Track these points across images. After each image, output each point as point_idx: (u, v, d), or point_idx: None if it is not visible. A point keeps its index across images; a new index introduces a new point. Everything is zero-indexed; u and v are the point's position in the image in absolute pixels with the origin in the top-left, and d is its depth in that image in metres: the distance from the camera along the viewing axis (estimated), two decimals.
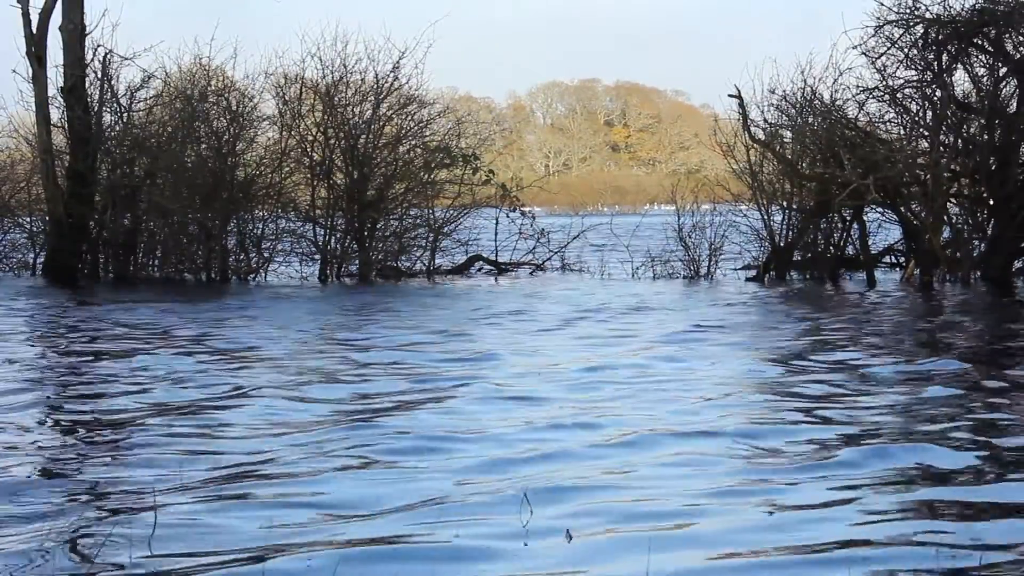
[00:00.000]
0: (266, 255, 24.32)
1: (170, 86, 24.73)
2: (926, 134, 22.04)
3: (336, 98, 24.57)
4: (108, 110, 24.05)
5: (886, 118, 22.78)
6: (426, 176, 24.95)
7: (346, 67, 24.73)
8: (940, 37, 21.42)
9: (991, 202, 21.63)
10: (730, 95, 23.25)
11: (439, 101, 26.03)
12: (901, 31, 21.61)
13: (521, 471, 6.71)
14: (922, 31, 21.47)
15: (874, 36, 21.68)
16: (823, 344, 12.77)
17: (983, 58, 21.85)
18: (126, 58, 24.07)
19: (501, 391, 9.65)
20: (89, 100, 23.76)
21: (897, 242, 23.71)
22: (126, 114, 24.18)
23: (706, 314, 16.41)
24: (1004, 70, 21.61)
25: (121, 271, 23.79)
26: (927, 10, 21.42)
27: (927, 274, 21.55)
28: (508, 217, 25.96)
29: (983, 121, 21.59)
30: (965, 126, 21.91)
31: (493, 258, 26.02)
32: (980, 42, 21.60)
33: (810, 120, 23.14)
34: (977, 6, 21.14)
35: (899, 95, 22.10)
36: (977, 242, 22.11)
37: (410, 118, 25.04)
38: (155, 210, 23.55)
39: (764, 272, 23.11)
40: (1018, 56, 21.42)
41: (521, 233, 26.01)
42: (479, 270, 25.88)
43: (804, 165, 23.36)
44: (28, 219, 25.88)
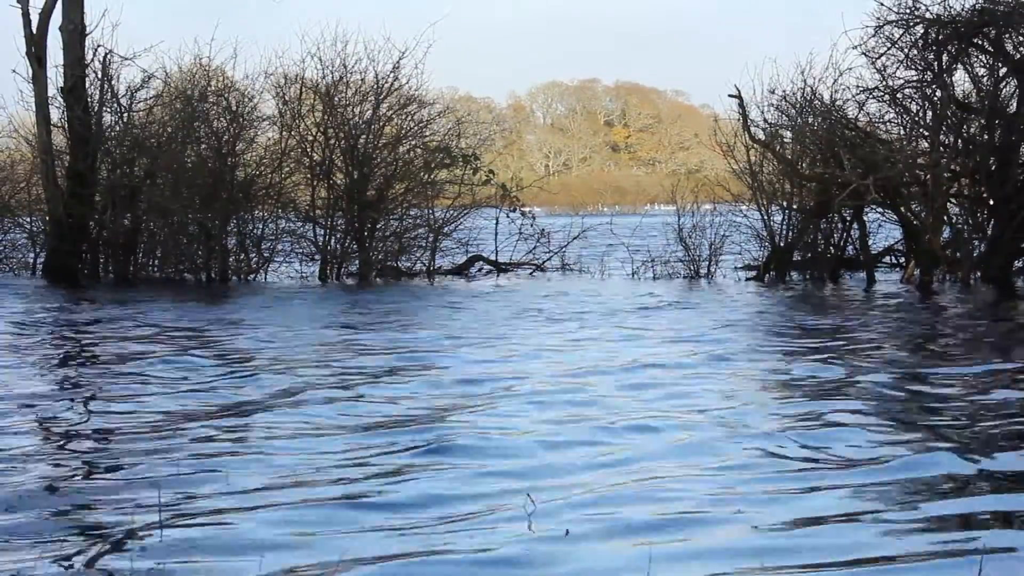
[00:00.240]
0: (266, 255, 24.32)
1: (170, 86, 24.72)
2: (926, 134, 22.04)
3: (336, 98, 24.56)
4: (108, 110, 24.05)
5: (886, 118, 22.79)
6: (426, 176, 24.94)
7: (346, 67, 24.76)
8: (940, 37, 21.40)
9: (991, 202, 21.61)
10: (730, 95, 23.28)
11: (439, 101, 26.08)
12: (901, 31, 21.61)
13: (585, 476, 6.64)
14: (922, 31, 21.46)
15: (874, 36, 21.70)
16: (862, 345, 12.70)
17: (983, 58, 21.84)
18: (126, 58, 24.10)
19: (550, 392, 9.52)
20: (89, 100, 23.75)
21: (897, 242, 23.71)
22: (126, 114, 24.16)
23: (737, 312, 16.48)
24: (1004, 70, 21.60)
25: (121, 271, 23.76)
26: (927, 10, 21.42)
27: (927, 274, 21.54)
28: (508, 217, 25.94)
29: (983, 121, 21.58)
30: (965, 126, 21.90)
31: (493, 258, 26.01)
32: (980, 42, 21.58)
33: (810, 120, 23.12)
34: (977, 6, 21.13)
35: (899, 95, 22.10)
36: (977, 242, 22.10)
37: (410, 118, 25.04)
38: (155, 210, 23.54)
39: (764, 272, 23.09)
40: (1018, 56, 21.41)
41: (521, 233, 26.01)
42: (479, 270, 25.86)
43: (804, 165, 23.35)
44: (28, 219, 25.86)
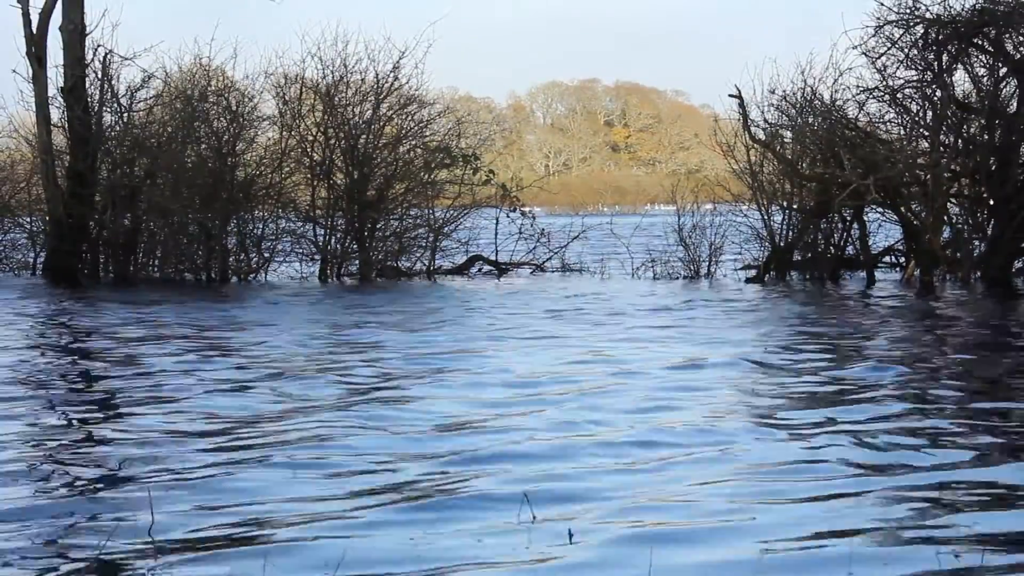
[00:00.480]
0: (266, 255, 24.32)
1: (170, 86, 24.70)
2: (926, 134, 22.04)
3: (336, 98, 24.55)
4: (108, 110, 24.02)
5: (886, 118, 22.80)
6: (426, 176, 24.93)
7: (346, 67, 24.75)
8: (940, 37, 21.41)
9: (991, 202, 21.62)
10: (730, 95, 23.27)
11: (439, 101, 26.08)
12: (901, 31, 21.61)
13: (640, 480, 6.61)
14: (922, 31, 21.47)
15: (874, 36, 21.71)
16: (890, 350, 12.60)
17: (983, 58, 21.85)
18: (126, 58, 24.07)
19: (591, 394, 9.45)
20: (89, 100, 23.72)
21: (897, 242, 23.71)
22: (126, 114, 24.14)
23: (760, 314, 16.54)
24: (1004, 70, 21.60)
25: (121, 271, 23.73)
26: (927, 10, 21.43)
27: (927, 274, 21.53)
28: (508, 217, 25.92)
29: (983, 121, 21.58)
30: (965, 126, 21.90)
31: (493, 258, 26.00)
32: (980, 42, 21.59)
33: (810, 120, 23.12)
34: (977, 6, 21.13)
35: (899, 95, 22.10)
36: (977, 242, 22.10)
37: (410, 118, 25.04)
38: (155, 210, 23.53)
39: (764, 272, 23.08)
40: (1018, 56, 21.41)
41: (521, 233, 26.00)
42: (479, 270, 25.85)
43: (804, 165, 23.35)
44: (28, 219, 25.86)
